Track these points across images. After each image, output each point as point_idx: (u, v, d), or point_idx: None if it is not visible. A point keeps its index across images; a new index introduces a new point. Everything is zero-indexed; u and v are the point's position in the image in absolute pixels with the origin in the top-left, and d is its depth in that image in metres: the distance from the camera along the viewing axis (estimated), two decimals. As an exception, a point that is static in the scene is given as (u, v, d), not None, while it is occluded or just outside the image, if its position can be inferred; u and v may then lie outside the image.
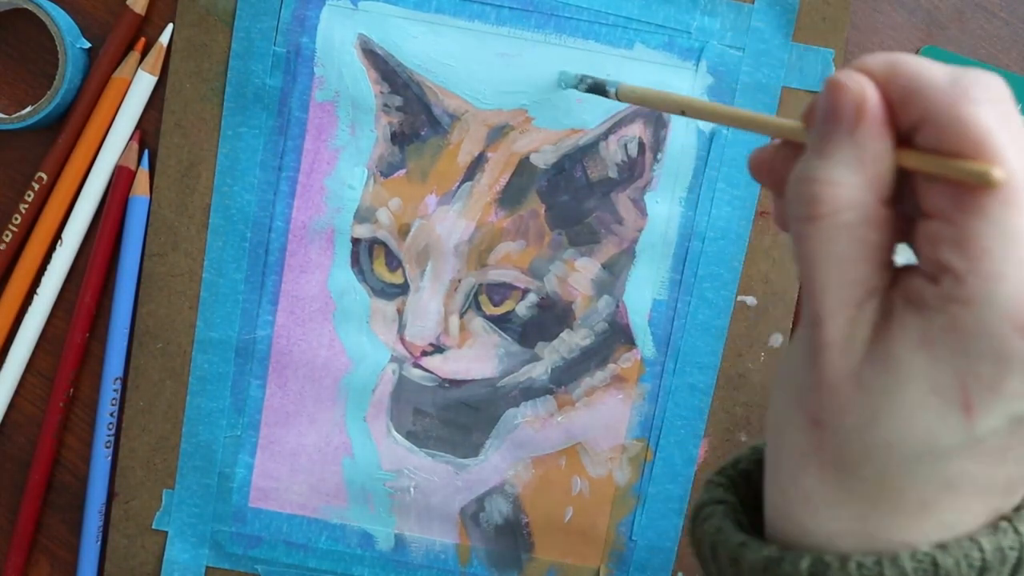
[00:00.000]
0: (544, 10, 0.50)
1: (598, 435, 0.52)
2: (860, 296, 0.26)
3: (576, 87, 0.48)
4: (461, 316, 0.51)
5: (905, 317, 0.26)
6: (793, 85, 0.51)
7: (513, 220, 0.51)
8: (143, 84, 0.51)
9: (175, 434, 0.52)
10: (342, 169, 0.51)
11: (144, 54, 0.51)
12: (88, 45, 0.51)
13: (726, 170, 0.51)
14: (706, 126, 0.51)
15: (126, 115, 0.51)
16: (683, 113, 0.38)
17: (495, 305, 0.51)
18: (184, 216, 0.51)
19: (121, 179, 0.51)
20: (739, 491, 0.33)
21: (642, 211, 0.51)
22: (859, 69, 0.27)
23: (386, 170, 0.51)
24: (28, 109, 0.50)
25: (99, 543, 0.52)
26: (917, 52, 0.52)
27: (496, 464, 0.52)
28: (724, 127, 0.51)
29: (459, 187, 0.51)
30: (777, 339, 0.52)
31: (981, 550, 0.26)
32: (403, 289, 0.51)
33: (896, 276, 0.27)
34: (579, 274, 0.51)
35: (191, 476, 0.52)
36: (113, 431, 0.52)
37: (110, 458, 0.52)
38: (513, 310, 0.51)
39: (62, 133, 0.51)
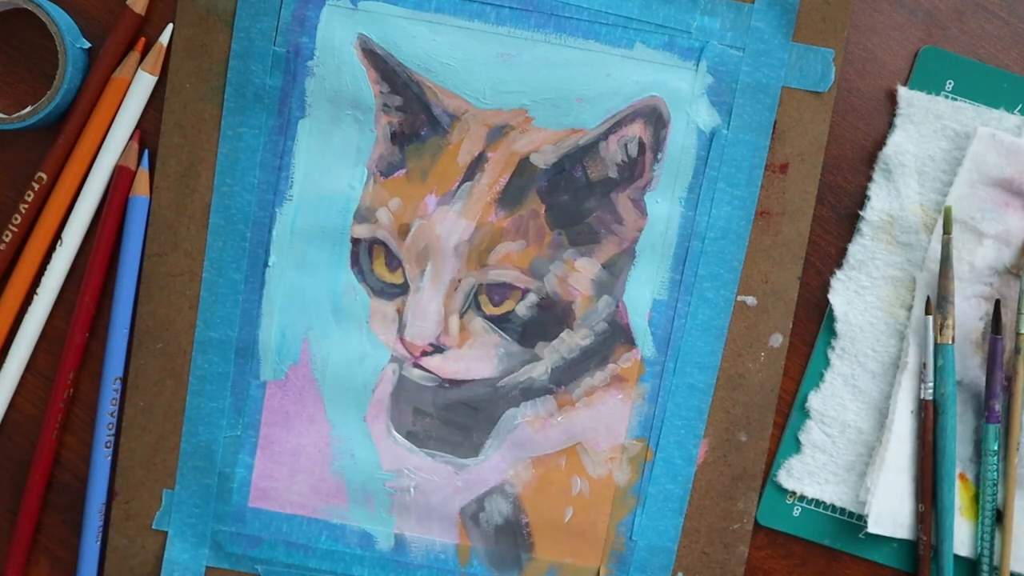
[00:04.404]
0: (544, 10, 0.50)
1: (598, 435, 0.52)
2: None
3: None
4: (461, 316, 0.51)
5: None
6: (793, 85, 0.51)
7: (513, 220, 0.51)
8: (143, 84, 0.51)
9: (175, 434, 0.52)
10: (342, 169, 0.51)
11: (144, 54, 0.51)
12: (88, 45, 0.51)
13: (726, 170, 0.51)
14: (706, 126, 0.51)
15: (126, 115, 0.51)
16: None
17: (495, 305, 0.51)
18: (184, 216, 0.51)
19: (121, 179, 0.51)
20: None
21: (642, 211, 0.51)
22: None
23: (386, 170, 0.51)
24: (28, 109, 0.50)
25: (99, 543, 0.52)
26: (917, 52, 0.52)
27: (496, 464, 0.52)
28: (724, 127, 0.51)
29: (459, 187, 0.51)
30: (777, 339, 0.52)
31: None
32: (403, 289, 0.51)
33: None
34: (579, 274, 0.51)
35: (191, 476, 0.52)
36: (113, 431, 0.52)
37: (110, 458, 0.52)
38: (513, 310, 0.51)
39: (62, 133, 0.51)
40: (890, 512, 0.52)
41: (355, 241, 0.51)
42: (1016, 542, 0.52)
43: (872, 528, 0.51)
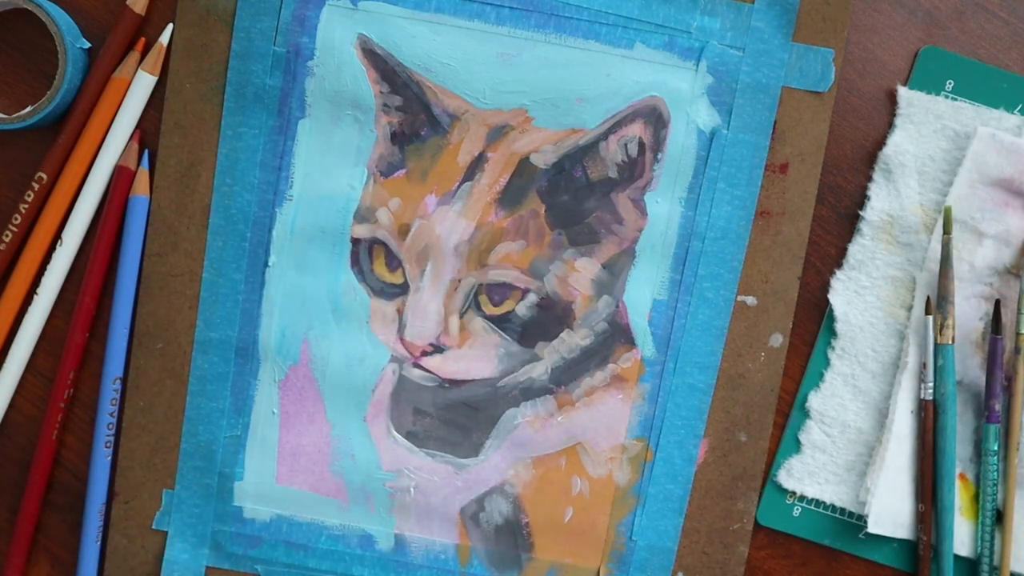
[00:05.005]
0: (544, 10, 0.50)
1: (598, 435, 0.52)
2: None
3: None
4: (461, 316, 0.51)
5: None
6: (793, 85, 0.51)
7: (513, 220, 0.51)
8: (143, 84, 0.51)
9: (175, 434, 0.52)
10: (342, 169, 0.51)
11: (144, 54, 0.51)
12: (88, 45, 0.51)
13: (726, 170, 0.51)
14: (706, 126, 0.51)
15: (126, 115, 0.51)
16: None
17: (495, 305, 0.51)
18: (184, 216, 0.51)
19: (121, 179, 0.51)
20: None
21: (642, 211, 0.51)
22: None
23: (386, 170, 0.51)
24: (28, 109, 0.50)
25: (99, 543, 0.52)
26: (917, 52, 0.52)
27: (496, 464, 0.52)
28: (724, 127, 0.51)
29: (459, 187, 0.51)
30: (777, 339, 0.52)
31: None
32: (403, 289, 0.51)
33: None
34: (579, 274, 0.51)
35: (191, 476, 0.52)
36: (113, 431, 0.52)
37: (110, 458, 0.52)
38: (513, 310, 0.51)
39: (62, 133, 0.51)
40: (890, 512, 0.52)
41: (355, 241, 0.51)
42: (1016, 542, 0.52)
43: (872, 528, 0.51)
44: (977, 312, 0.52)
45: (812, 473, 0.52)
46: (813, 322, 0.53)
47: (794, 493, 0.53)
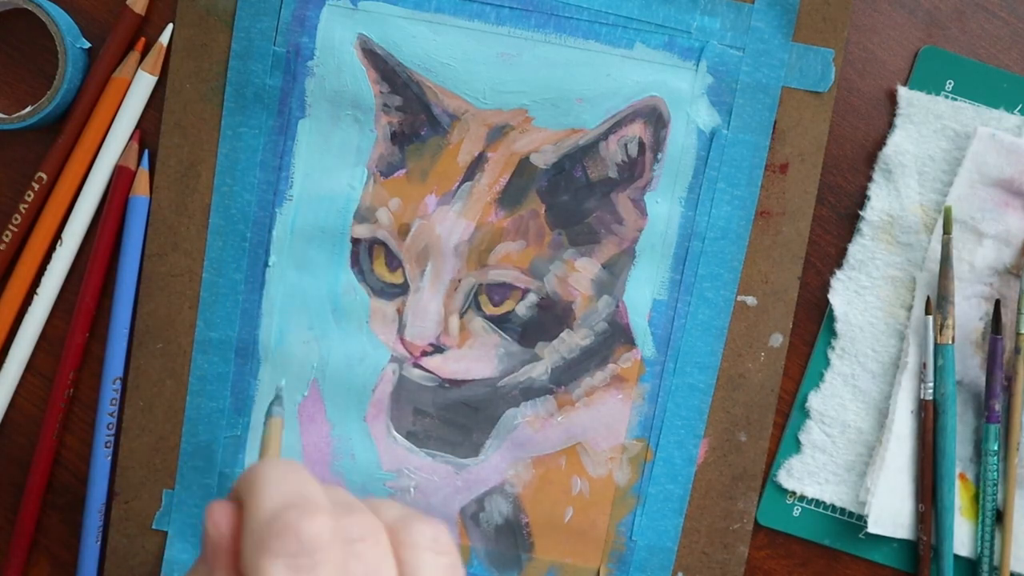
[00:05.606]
0: (544, 10, 0.50)
1: (598, 435, 0.52)
2: None
3: None
4: (461, 316, 0.51)
5: None
6: (793, 85, 0.51)
7: (513, 220, 0.51)
8: (143, 84, 0.51)
9: (175, 434, 0.52)
10: (342, 169, 0.51)
11: (144, 54, 0.51)
12: (88, 45, 0.51)
13: (726, 170, 0.51)
14: (706, 126, 0.51)
15: (126, 115, 0.51)
16: None
17: (495, 305, 0.51)
18: (184, 216, 0.51)
19: (121, 179, 0.51)
20: None
21: (642, 211, 0.51)
22: (232, 499, 0.31)
23: (386, 170, 0.51)
24: (28, 109, 0.50)
25: (99, 543, 0.52)
26: (917, 52, 0.52)
27: (496, 464, 0.52)
28: (724, 127, 0.51)
29: (459, 187, 0.51)
30: (777, 339, 0.52)
31: None
32: (403, 289, 0.51)
33: None
34: (579, 274, 0.51)
35: (191, 476, 0.52)
36: (113, 431, 0.52)
37: (110, 458, 0.52)
38: (513, 310, 0.51)
39: (62, 133, 0.51)
40: (890, 512, 0.52)
41: (355, 241, 0.51)
42: (1016, 542, 0.52)
43: (872, 528, 0.51)
44: (977, 312, 0.52)
45: (812, 473, 0.52)
46: (813, 322, 0.53)
47: (794, 493, 0.53)
